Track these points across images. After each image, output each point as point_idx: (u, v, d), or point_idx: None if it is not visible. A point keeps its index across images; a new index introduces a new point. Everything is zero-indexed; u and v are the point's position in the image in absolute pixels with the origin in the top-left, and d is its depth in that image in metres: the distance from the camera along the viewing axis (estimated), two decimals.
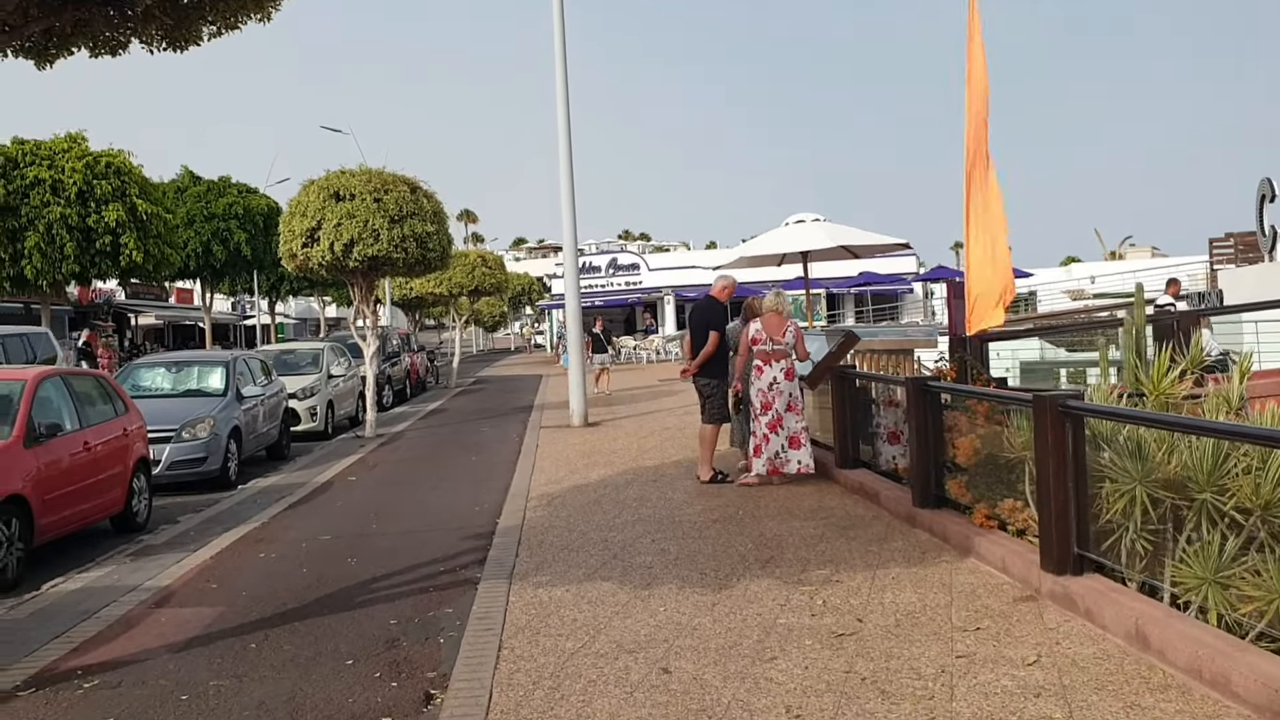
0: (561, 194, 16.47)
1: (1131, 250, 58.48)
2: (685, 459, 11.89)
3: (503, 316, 73.24)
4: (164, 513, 10.59)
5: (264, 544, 8.50)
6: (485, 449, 14.30)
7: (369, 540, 8.40)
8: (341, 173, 16.01)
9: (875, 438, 9.70)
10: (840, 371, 9.85)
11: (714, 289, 10.50)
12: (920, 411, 7.74)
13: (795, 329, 9.94)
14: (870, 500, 8.77)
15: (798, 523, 8.11)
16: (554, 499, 9.79)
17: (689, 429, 14.85)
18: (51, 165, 26.85)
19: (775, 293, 10.08)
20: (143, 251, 27.34)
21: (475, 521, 8.95)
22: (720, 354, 10.32)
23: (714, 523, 8.26)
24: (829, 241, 11.90)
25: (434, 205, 16.51)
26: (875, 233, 12.52)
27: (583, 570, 6.91)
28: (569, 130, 16.35)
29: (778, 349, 9.78)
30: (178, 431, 11.90)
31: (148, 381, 13.53)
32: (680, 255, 58.29)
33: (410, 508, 9.91)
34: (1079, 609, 5.39)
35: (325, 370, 18.06)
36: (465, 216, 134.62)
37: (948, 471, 7.67)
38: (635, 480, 10.64)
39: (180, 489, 12.01)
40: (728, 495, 9.48)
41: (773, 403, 9.75)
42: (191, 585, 7.23)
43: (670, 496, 9.58)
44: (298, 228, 15.76)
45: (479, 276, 29.17)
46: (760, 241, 12.52)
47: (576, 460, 12.45)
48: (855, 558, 6.92)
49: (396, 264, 15.96)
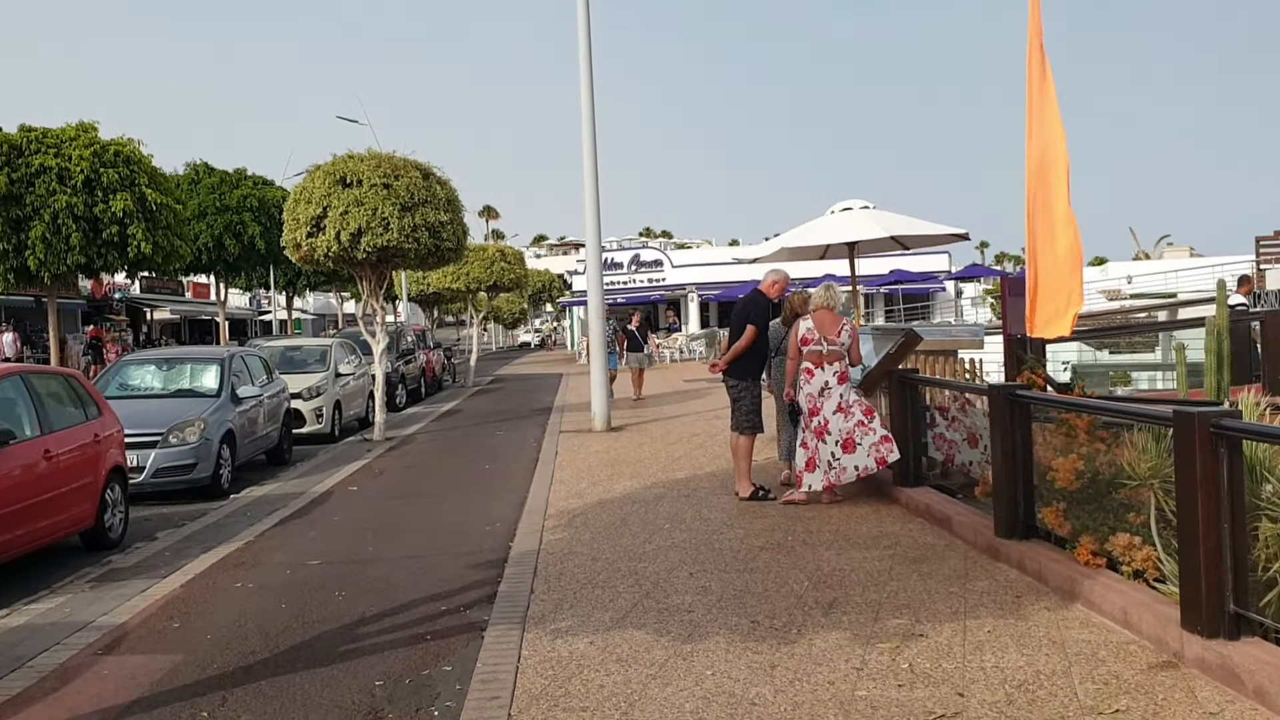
0: (585, 182, 15.38)
1: (1169, 250, 56.80)
2: (720, 471, 10.76)
3: (522, 313, 72.35)
4: (144, 526, 9.57)
5: (244, 569, 7.43)
6: (500, 456, 13.21)
7: (363, 567, 7.31)
8: (349, 157, 14.95)
9: (942, 453, 8.56)
10: (901, 376, 8.70)
11: (764, 283, 9.35)
12: (1006, 425, 6.58)
13: (852, 328, 8.80)
14: (940, 526, 7.61)
15: (859, 553, 6.97)
16: (575, 517, 8.69)
17: (720, 436, 13.71)
18: (58, 153, 25.89)
19: (826, 286, 8.93)
20: (151, 243, 26.21)
21: (486, 544, 7.85)
22: (756, 352, 9.17)
23: (760, 551, 7.13)
24: (881, 231, 10.73)
25: (448, 192, 15.43)
26: (930, 221, 11.36)
27: (610, 613, 5.80)
28: (592, 112, 15.26)
29: (832, 350, 8.64)
30: (164, 435, 10.88)
31: (136, 380, 12.52)
32: (705, 252, 56.98)
33: (414, 525, 8.83)
34: (1244, 686, 4.23)
35: (332, 368, 17.02)
36: (486, 213, 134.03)
37: (1040, 496, 6.52)
38: (666, 495, 9.52)
39: (167, 498, 10.99)
40: (772, 516, 8.34)
41: (820, 408, 8.61)
42: (151, 624, 6.16)
43: (707, 516, 8.45)
44: (302, 215, 14.72)
45: (498, 271, 28.13)
46: (803, 231, 11.36)
47: (599, 470, 11.35)
48: (936, 601, 5.77)
49: (408, 255, 14.89)
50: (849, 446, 8.61)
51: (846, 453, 8.60)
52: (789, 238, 11.38)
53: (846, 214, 11.36)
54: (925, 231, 11.22)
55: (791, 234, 11.49)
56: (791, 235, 11.43)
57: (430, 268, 17.04)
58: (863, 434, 8.59)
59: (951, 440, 8.61)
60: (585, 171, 15.39)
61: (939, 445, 8.55)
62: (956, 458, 8.50)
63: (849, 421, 8.60)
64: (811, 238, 11.16)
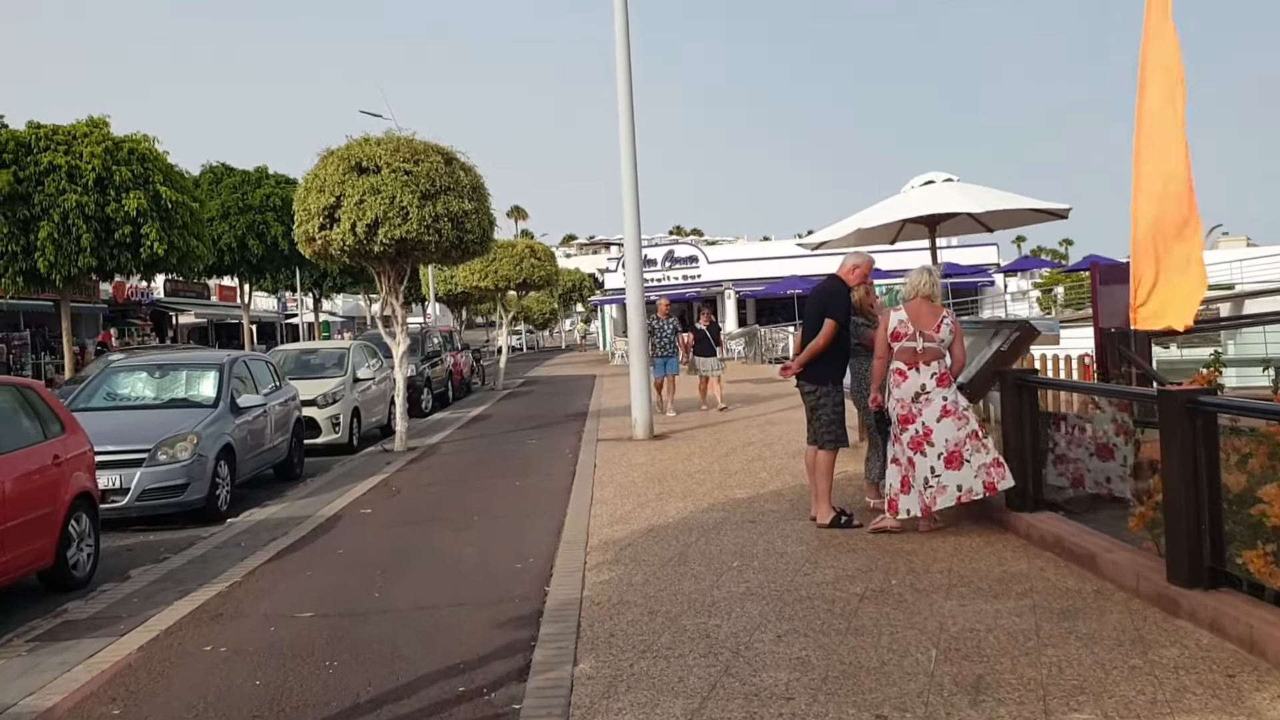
0: (623, 168, 13.95)
1: (1224, 240, 54.51)
2: (786, 489, 9.29)
3: (553, 313, 71.14)
4: (119, 561, 8.26)
5: (221, 624, 6.05)
6: (532, 469, 11.80)
7: (363, 623, 5.90)
8: (365, 140, 13.60)
9: (1068, 471, 7.06)
10: (1017, 378, 7.18)
11: (843, 267, 7.86)
12: (1185, 442, 5.07)
13: (954, 321, 7.30)
14: (1080, 565, 6.10)
15: (988, 604, 5.48)
16: (622, 549, 7.25)
17: (777, 444, 12.24)
18: (68, 150, 24.84)
19: (924, 270, 7.43)
20: (166, 243, 25.22)
21: (515, 589, 6.43)
22: (838, 350, 7.68)
23: (861, 601, 5.66)
24: (973, 206, 9.19)
25: (473, 179, 14.04)
26: (1024, 195, 9.81)
27: (682, 701, 4.34)
28: (630, 90, 13.84)
29: (929, 347, 7.15)
30: (152, 452, 9.55)
31: (126, 389, 11.21)
32: (742, 246, 55.28)
33: (430, 561, 7.42)
34: None
35: (350, 373, 15.69)
36: (515, 213, 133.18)
37: (1234, 534, 5.01)
38: (727, 521, 8.06)
39: (156, 523, 9.68)
40: (863, 549, 6.86)
41: (917, 414, 7.12)
42: (86, 710, 4.79)
43: (782, 550, 6.99)
44: (314, 206, 13.38)
45: (527, 269, 26.71)
46: (879, 209, 9.84)
47: (645, 487, 9.91)
48: (1119, 683, 4.28)
49: (428, 248, 13.52)
50: (954, 461, 7.10)
51: (950, 468, 7.10)
52: (862, 217, 9.86)
53: (928, 189, 9.84)
54: (1020, 206, 9.67)
55: (866, 213, 9.97)
56: (866, 214, 9.91)
57: (453, 262, 15.63)
58: (974, 449, 7.09)
59: (1079, 455, 7.12)
60: (623, 155, 13.96)
61: (1066, 461, 7.04)
62: (1087, 476, 7.01)
63: (961, 430, 7.09)
64: (889, 214, 9.64)
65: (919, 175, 10.17)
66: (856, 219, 9.89)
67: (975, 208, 9.25)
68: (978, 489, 7.12)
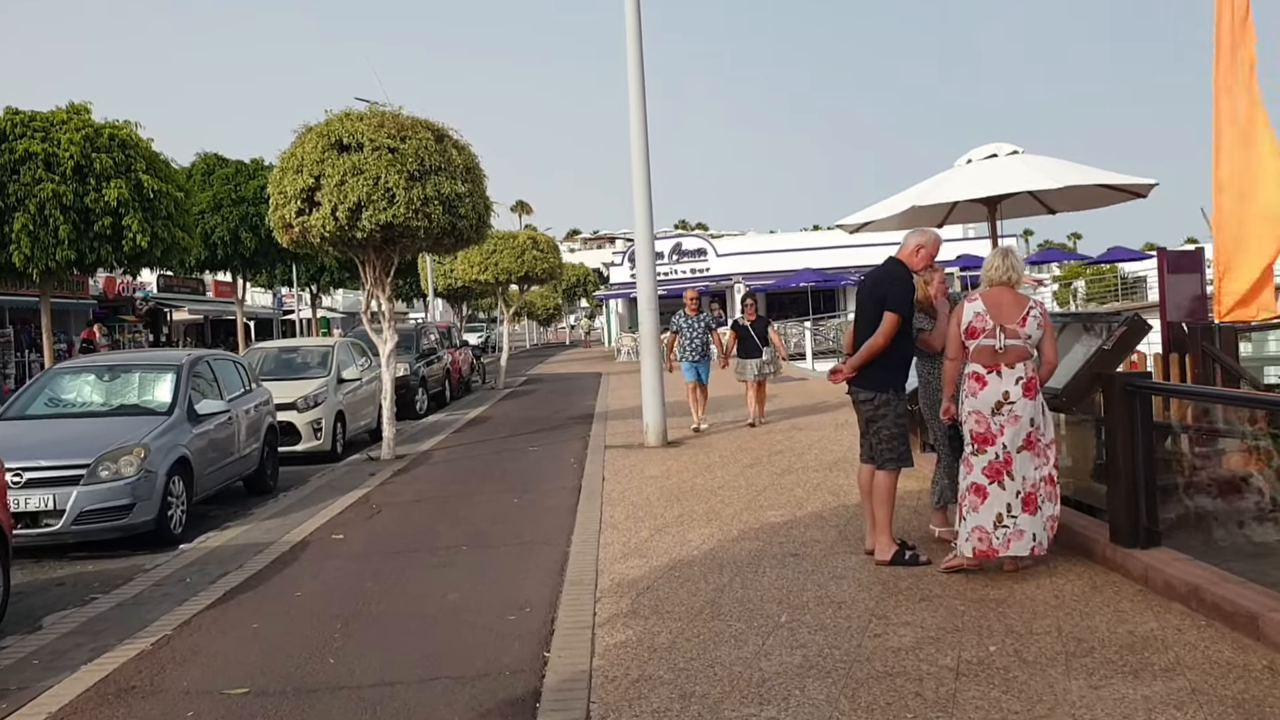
0: (633, 152, 12.61)
1: None
2: (827, 510, 7.95)
3: (557, 309, 69.76)
4: (42, 599, 6.96)
5: (128, 704, 4.71)
6: (533, 483, 10.46)
7: (308, 707, 4.55)
8: (346, 115, 12.24)
9: (1192, 499, 5.72)
10: (1128, 384, 5.81)
11: (904, 249, 6.51)
12: None
13: (1043, 312, 5.96)
14: (1232, 626, 4.73)
15: (1125, 685, 4.14)
16: (640, 595, 5.91)
17: (808, 453, 10.89)
18: (46, 137, 23.45)
19: (1003, 252, 6.08)
20: (149, 235, 23.83)
21: (506, 655, 5.08)
22: (900, 350, 6.34)
23: (956, 678, 4.31)
24: (1047, 181, 7.80)
25: (466, 158, 12.67)
26: (1106, 170, 8.44)
27: None
28: (641, 71, 12.51)
29: (1013, 345, 5.81)
30: (91, 468, 8.23)
31: (71, 393, 9.87)
32: (752, 239, 53.68)
33: (403, 610, 6.07)
34: None
35: (334, 373, 14.35)
36: (519, 208, 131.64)
37: None
38: (764, 553, 6.72)
39: (97, 550, 8.38)
40: (939, 596, 5.52)
41: (997, 434, 5.79)
42: None
43: (838, 596, 5.64)
44: (290, 188, 12.06)
45: (529, 261, 25.31)
46: (934, 185, 8.46)
47: (662, 506, 8.57)
48: None
49: (417, 234, 12.16)
50: (1030, 504, 5.80)
51: (1026, 511, 5.80)
52: (917, 192, 8.47)
53: (990, 162, 8.46)
54: (1102, 182, 8.29)
55: (919, 188, 8.59)
56: (919, 190, 8.53)
57: (446, 250, 14.25)
58: (1048, 494, 5.83)
59: (1203, 479, 5.79)
60: (633, 131, 12.61)
61: (1194, 488, 5.70)
62: (1216, 505, 5.67)
63: (1038, 470, 5.80)
64: (947, 192, 8.27)
65: (977, 148, 8.79)
66: (910, 195, 8.51)
67: (1050, 183, 7.87)
68: (1044, 544, 5.86)
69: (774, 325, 14.53)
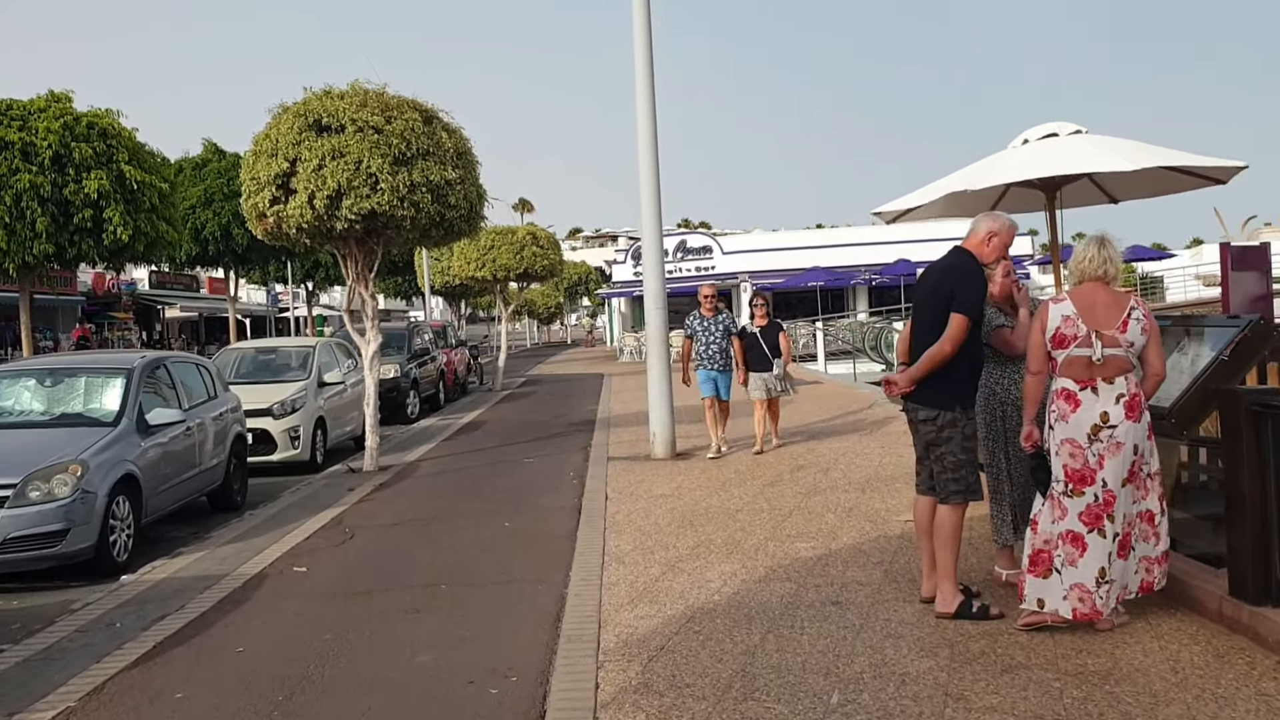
0: (640, 138, 11.50)
1: (1264, 230, 51.84)
2: (868, 542, 6.86)
3: (558, 307, 68.68)
4: None
5: None
6: (527, 503, 9.36)
7: None
8: (325, 94, 11.12)
9: None
10: (1256, 402, 4.70)
11: (973, 237, 5.40)
12: None
13: (1147, 313, 4.86)
14: None
15: None
16: (651, 657, 4.82)
17: (834, 469, 9.79)
18: (24, 126, 22.43)
19: (1099, 240, 4.97)
20: (131, 228, 22.85)
21: None
22: (968, 359, 5.22)
23: None
24: (1123, 162, 6.70)
25: (457, 142, 11.57)
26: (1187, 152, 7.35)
27: None
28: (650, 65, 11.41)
29: (1112, 355, 4.72)
30: (18, 488, 7.16)
31: (8, 400, 8.75)
32: (759, 237, 52.46)
33: (362, 677, 4.96)
34: None
35: (314, 376, 13.25)
36: (521, 206, 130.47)
37: None
38: (799, 599, 5.63)
39: (27, 580, 7.30)
40: (1024, 665, 4.43)
41: (1096, 469, 4.70)
42: None
43: (899, 665, 4.55)
44: (264, 174, 10.92)
45: (529, 257, 24.18)
46: (985, 167, 7.36)
47: (675, 534, 7.48)
48: None
49: (403, 224, 11.05)
50: (1124, 548, 4.75)
51: (1120, 557, 4.76)
52: (964, 176, 7.36)
53: (1050, 141, 7.36)
54: (1187, 164, 7.20)
55: (966, 171, 7.48)
56: (967, 173, 7.42)
57: (435, 243, 13.10)
58: (1145, 533, 4.79)
59: None
60: (640, 115, 11.49)
61: None
62: None
63: (1136, 505, 4.76)
64: (1001, 174, 7.16)
65: (1034, 127, 7.69)
66: (955, 178, 7.40)
67: (1124, 164, 6.75)
68: (1133, 587, 4.83)
69: (784, 329, 11.95)
